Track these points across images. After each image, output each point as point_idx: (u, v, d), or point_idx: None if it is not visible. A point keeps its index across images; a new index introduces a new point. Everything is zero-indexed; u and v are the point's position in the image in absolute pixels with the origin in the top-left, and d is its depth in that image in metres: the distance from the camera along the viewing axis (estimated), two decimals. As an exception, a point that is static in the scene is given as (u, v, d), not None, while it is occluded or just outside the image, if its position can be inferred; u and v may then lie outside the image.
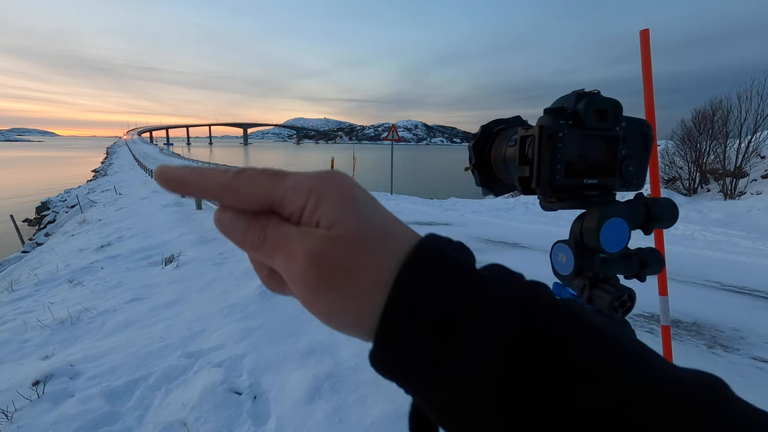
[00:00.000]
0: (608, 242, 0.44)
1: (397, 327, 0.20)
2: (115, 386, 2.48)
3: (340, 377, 2.37)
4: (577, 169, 0.45)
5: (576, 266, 0.49)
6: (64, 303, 4.15)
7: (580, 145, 0.44)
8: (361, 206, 0.22)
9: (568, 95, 0.44)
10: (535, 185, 0.45)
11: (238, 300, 3.70)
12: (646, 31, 1.08)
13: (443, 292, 0.20)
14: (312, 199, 0.21)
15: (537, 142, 0.43)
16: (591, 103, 0.43)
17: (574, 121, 0.43)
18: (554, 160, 0.43)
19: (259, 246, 0.23)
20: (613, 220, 0.44)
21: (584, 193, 0.46)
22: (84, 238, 8.42)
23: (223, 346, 2.86)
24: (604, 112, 0.44)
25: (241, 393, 2.30)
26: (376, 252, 0.21)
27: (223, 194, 0.23)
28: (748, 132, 12.98)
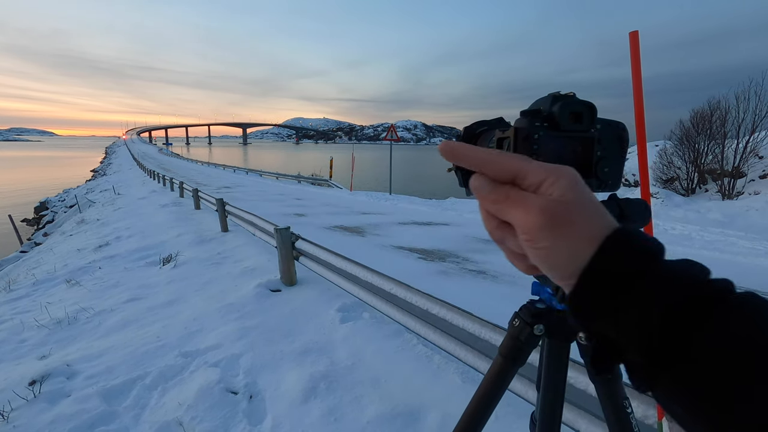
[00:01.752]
0: None
1: (601, 268, 0.27)
2: (112, 386, 2.49)
3: (336, 377, 2.37)
4: None
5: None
6: (61, 303, 4.15)
7: (556, 146, 0.44)
8: (585, 190, 0.30)
9: (545, 98, 0.45)
10: None
11: (235, 300, 3.71)
12: (635, 32, 1.09)
13: (636, 253, 0.27)
14: (551, 176, 0.30)
15: (512, 144, 0.44)
16: (566, 106, 0.43)
17: (549, 123, 0.43)
18: None
19: (501, 201, 0.31)
20: None
21: None
22: (82, 238, 8.41)
23: (220, 346, 2.86)
24: (579, 115, 0.44)
25: (237, 392, 2.31)
26: (592, 218, 0.29)
27: (484, 165, 0.32)
28: (746, 132, 13.01)
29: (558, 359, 0.56)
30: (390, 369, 2.44)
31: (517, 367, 0.57)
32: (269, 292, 3.85)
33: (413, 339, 2.73)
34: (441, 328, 2.12)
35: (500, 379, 0.56)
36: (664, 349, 0.24)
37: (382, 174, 33.54)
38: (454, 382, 2.25)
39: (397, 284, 2.47)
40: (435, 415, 2.02)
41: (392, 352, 2.63)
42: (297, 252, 3.98)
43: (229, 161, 46.49)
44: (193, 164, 39.09)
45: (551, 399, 0.55)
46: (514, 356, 0.56)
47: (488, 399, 0.55)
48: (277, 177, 24.84)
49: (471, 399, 0.57)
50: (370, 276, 2.74)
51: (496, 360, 0.57)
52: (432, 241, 6.37)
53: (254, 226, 5.50)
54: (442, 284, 4.18)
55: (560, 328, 0.55)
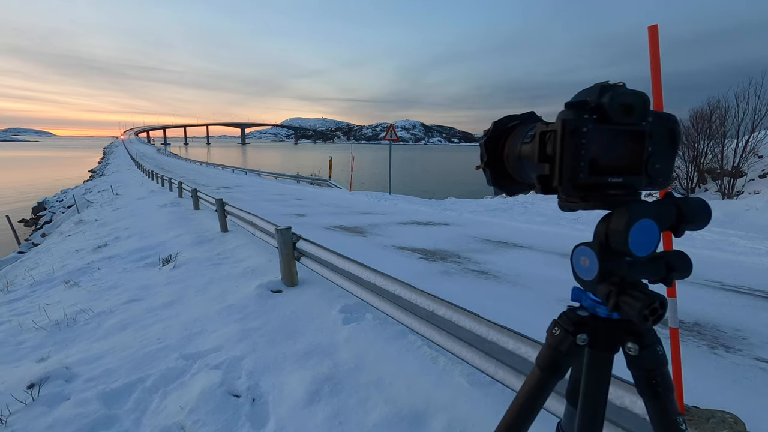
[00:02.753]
0: (637, 245, 0.41)
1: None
2: (112, 389, 2.45)
3: (340, 379, 2.34)
4: (601, 167, 0.42)
5: (600, 271, 0.46)
6: (60, 304, 4.11)
7: (605, 140, 0.41)
8: None
9: (591, 88, 0.42)
10: (557, 183, 0.42)
11: (236, 301, 3.67)
12: (654, 27, 1.06)
13: None
14: None
15: (560, 138, 0.40)
16: (616, 96, 0.40)
17: (598, 115, 0.40)
18: (577, 157, 0.40)
19: None
20: (643, 222, 0.41)
21: (608, 192, 0.44)
22: (80, 238, 8.36)
23: (221, 348, 2.82)
24: (630, 106, 0.41)
25: (239, 395, 2.27)
26: None
27: None
28: (746, 132, 13.02)
29: (600, 371, 0.53)
30: (394, 371, 2.41)
31: (557, 379, 0.53)
32: (270, 293, 3.81)
33: (417, 340, 2.70)
34: (447, 330, 2.09)
35: (538, 392, 0.52)
36: None
37: (381, 174, 33.50)
38: (461, 384, 2.22)
39: (401, 285, 2.44)
40: (441, 418, 1.99)
41: (396, 354, 2.60)
42: (298, 252, 3.94)
43: (228, 161, 46.40)
44: (191, 164, 39.00)
45: (591, 413, 0.51)
46: (553, 367, 0.52)
47: (525, 413, 0.51)
48: (276, 177, 24.79)
49: (505, 413, 0.53)
50: (373, 277, 2.71)
51: (533, 372, 0.53)
52: (433, 241, 6.34)
53: (254, 226, 5.46)
54: (445, 285, 4.15)
55: (605, 338, 0.51)
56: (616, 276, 0.45)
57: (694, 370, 2.56)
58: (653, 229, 0.41)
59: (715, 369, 2.57)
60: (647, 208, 0.42)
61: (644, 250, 0.42)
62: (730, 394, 2.30)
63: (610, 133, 0.41)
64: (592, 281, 0.46)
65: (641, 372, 0.51)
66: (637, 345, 0.47)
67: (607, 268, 0.45)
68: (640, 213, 0.41)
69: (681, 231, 0.44)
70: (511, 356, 1.74)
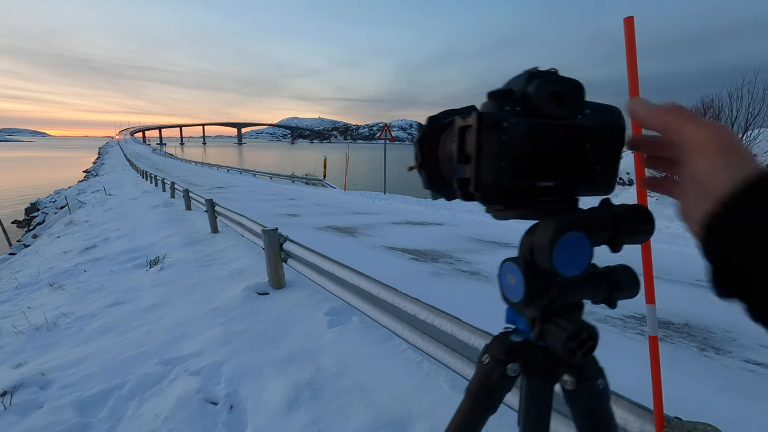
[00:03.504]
0: (564, 263, 0.34)
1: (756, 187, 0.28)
2: (87, 396, 2.38)
3: (321, 385, 2.28)
4: (529, 169, 0.36)
5: (527, 292, 0.39)
6: (42, 308, 4.03)
7: (532, 137, 0.35)
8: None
9: (520, 75, 0.36)
10: (474, 189, 0.36)
11: (221, 303, 3.60)
12: (630, 18, 1.01)
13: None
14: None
15: (475, 134, 0.34)
16: (545, 84, 0.34)
17: (524, 107, 0.35)
18: (498, 157, 0.34)
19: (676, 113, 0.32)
20: (571, 235, 0.34)
21: (538, 198, 0.37)
22: (69, 239, 8.25)
23: (203, 353, 2.76)
24: (562, 96, 0.35)
25: (217, 403, 2.21)
26: (745, 151, 0.31)
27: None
28: (740, 130, 13.03)
29: (539, 403, 0.46)
30: (378, 376, 2.35)
31: (488, 413, 0.46)
32: (257, 295, 3.75)
33: (403, 344, 2.64)
34: (430, 334, 2.03)
35: (469, 425, 0.45)
36: None
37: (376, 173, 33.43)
38: (443, 390, 2.17)
39: (384, 288, 2.38)
40: (423, 425, 1.93)
41: (380, 358, 2.54)
42: (285, 254, 3.88)
43: (224, 161, 46.20)
44: (187, 164, 38.79)
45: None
46: (484, 400, 0.45)
47: None
48: (271, 177, 24.68)
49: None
50: (357, 279, 2.65)
51: (464, 401, 0.46)
52: (425, 241, 6.29)
53: (243, 227, 5.39)
54: (434, 285, 4.10)
55: (541, 366, 0.44)
56: (545, 298, 0.39)
57: (683, 374, 2.53)
58: (584, 244, 0.35)
59: (705, 372, 2.53)
60: (578, 218, 0.36)
61: (573, 268, 0.35)
62: (719, 398, 2.26)
63: (539, 129, 0.35)
64: (519, 303, 0.40)
65: (579, 409, 0.44)
66: (573, 378, 0.41)
67: (534, 288, 0.39)
68: (568, 224, 0.35)
69: (619, 245, 0.37)
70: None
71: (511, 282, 0.39)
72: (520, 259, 0.39)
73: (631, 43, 1.00)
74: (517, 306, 0.39)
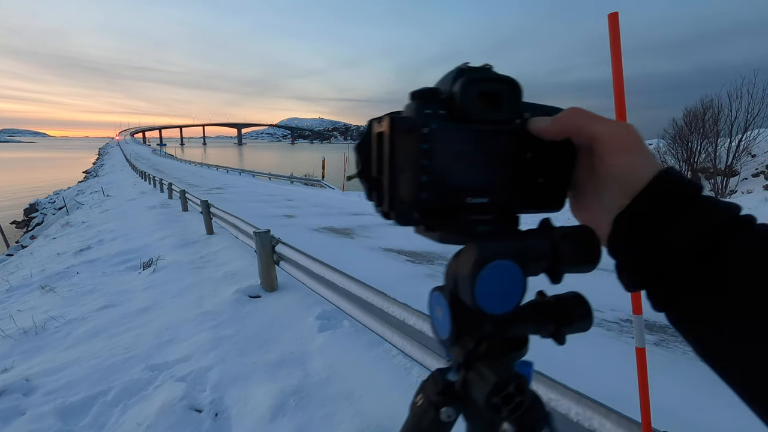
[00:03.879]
0: (489, 298, 0.28)
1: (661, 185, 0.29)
2: (71, 402, 2.34)
3: (309, 392, 2.23)
4: (456, 183, 0.31)
5: (454, 328, 0.33)
6: (32, 311, 3.98)
7: (459, 145, 0.30)
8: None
9: (451, 72, 0.31)
10: (387, 207, 0.30)
11: (212, 307, 3.56)
12: (615, 14, 0.97)
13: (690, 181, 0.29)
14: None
15: (387, 142, 0.29)
16: (473, 83, 0.29)
17: (450, 110, 0.29)
18: (417, 169, 0.29)
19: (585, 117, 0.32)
20: (498, 265, 0.28)
21: (468, 217, 0.32)
22: (64, 241, 8.21)
23: (190, 358, 2.71)
24: (494, 97, 0.30)
25: (201, 410, 2.16)
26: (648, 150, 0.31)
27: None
28: (739, 131, 12.99)
29: None
30: (366, 382, 2.31)
31: None
32: (248, 298, 3.70)
33: (393, 349, 2.59)
34: (418, 340, 1.99)
35: None
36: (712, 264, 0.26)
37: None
38: (433, 397, 2.12)
39: (373, 292, 2.34)
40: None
41: (370, 364, 2.49)
42: (278, 256, 3.83)
43: (224, 162, 46.16)
44: (186, 165, 38.75)
45: None
46: None
47: None
48: (269, 178, 24.65)
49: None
50: (347, 283, 2.61)
51: None
52: (422, 242, 6.23)
53: (237, 228, 5.34)
54: (429, 288, 4.05)
55: (479, 412, 0.35)
56: (474, 337, 0.32)
57: (680, 378, 2.48)
58: (515, 276, 0.29)
59: (701, 377, 2.48)
60: (508, 244, 0.30)
61: (501, 304, 0.29)
62: (717, 402, 2.21)
63: (466, 135, 0.30)
64: (447, 341, 0.34)
65: None
66: (514, 428, 0.33)
67: (461, 324, 0.33)
68: (495, 251, 0.29)
69: (559, 275, 0.31)
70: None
71: (438, 315, 0.34)
72: (446, 289, 0.34)
73: (616, 40, 0.96)
74: (445, 344, 0.34)
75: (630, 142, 0.30)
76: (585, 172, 0.33)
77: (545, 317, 0.33)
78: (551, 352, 1.34)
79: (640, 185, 0.29)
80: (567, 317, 0.32)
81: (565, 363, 2.56)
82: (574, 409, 1.34)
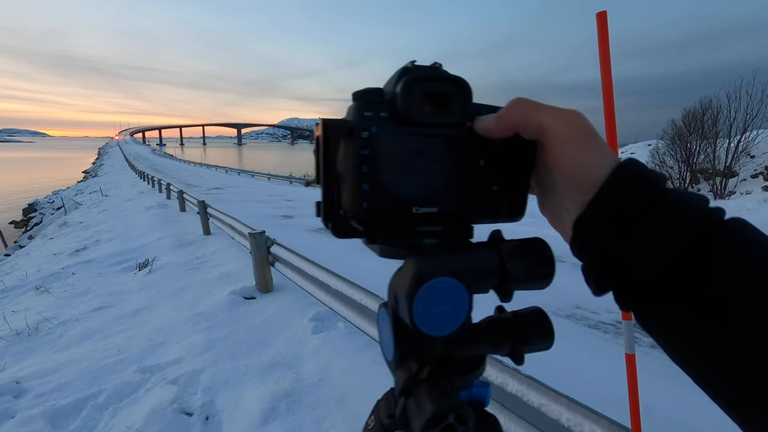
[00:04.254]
0: (428, 319, 0.26)
1: (619, 183, 0.26)
2: (61, 406, 2.32)
3: (300, 395, 2.21)
4: (401, 192, 0.28)
5: (396, 349, 0.30)
6: (26, 312, 3.96)
7: (403, 150, 0.28)
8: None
9: (398, 71, 0.28)
10: (323, 218, 0.29)
11: (206, 308, 3.53)
12: (603, 13, 0.95)
13: (653, 173, 0.27)
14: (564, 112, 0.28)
15: (322, 148, 0.27)
16: (417, 84, 0.27)
17: (392, 112, 0.27)
18: (358, 178, 0.27)
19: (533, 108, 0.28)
20: (439, 282, 0.26)
21: (416, 229, 0.29)
22: (61, 241, 8.18)
23: (182, 360, 2.69)
24: (442, 98, 0.28)
25: (192, 414, 2.14)
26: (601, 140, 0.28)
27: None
28: (738, 131, 12.97)
29: None
30: (358, 386, 2.28)
31: None
32: (243, 299, 3.68)
33: (386, 352, 2.57)
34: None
35: None
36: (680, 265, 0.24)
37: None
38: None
39: (366, 294, 2.32)
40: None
41: (363, 367, 2.47)
42: (273, 257, 3.81)
43: (223, 162, 46.15)
44: (186, 165, 38.71)
45: None
46: None
47: None
48: (269, 178, 24.61)
49: None
50: (340, 284, 2.59)
51: None
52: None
53: (234, 229, 5.32)
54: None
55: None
56: (418, 359, 0.29)
57: (675, 380, 2.46)
58: (458, 294, 0.26)
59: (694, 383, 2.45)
60: (451, 259, 0.27)
61: (441, 326, 0.26)
62: (714, 406, 2.19)
63: (413, 140, 0.28)
64: (392, 362, 0.31)
65: None
66: None
67: (405, 345, 0.30)
68: (435, 267, 0.26)
69: (508, 293, 0.29)
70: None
71: (384, 334, 0.32)
72: (389, 306, 0.31)
73: (604, 39, 0.94)
74: (390, 366, 0.32)
75: (577, 132, 0.27)
76: (543, 168, 0.30)
77: (501, 336, 0.30)
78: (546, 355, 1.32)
79: (596, 183, 0.26)
80: (524, 336, 0.30)
81: (560, 366, 2.55)
82: (565, 414, 1.32)
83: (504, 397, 1.50)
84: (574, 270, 3.18)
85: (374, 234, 0.29)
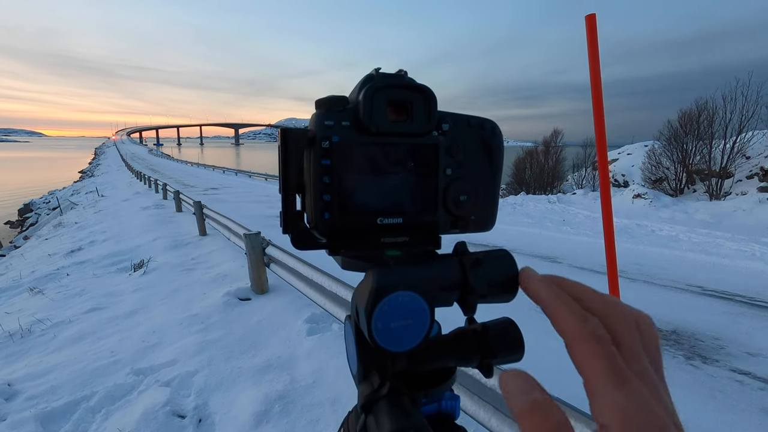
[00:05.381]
0: (388, 335, 0.25)
1: None
2: (53, 408, 2.29)
3: (294, 397, 2.20)
4: (365, 202, 0.28)
5: (360, 362, 0.29)
6: (20, 313, 3.93)
7: (365, 160, 0.27)
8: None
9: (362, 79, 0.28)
10: (283, 228, 0.28)
11: (200, 310, 3.52)
12: (592, 15, 0.95)
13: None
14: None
15: (281, 157, 0.27)
16: (379, 91, 0.26)
17: (355, 121, 0.27)
18: (319, 188, 0.26)
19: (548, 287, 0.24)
20: (398, 296, 0.25)
21: (381, 240, 0.29)
22: (56, 242, 8.14)
23: (176, 362, 2.67)
24: (406, 107, 0.27)
25: (185, 416, 2.13)
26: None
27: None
28: (733, 132, 13.02)
29: None
30: (353, 388, 2.27)
31: None
32: (237, 300, 3.66)
33: (381, 353, 2.57)
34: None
35: None
36: None
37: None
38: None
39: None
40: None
41: (357, 368, 2.46)
42: (268, 258, 3.79)
43: (221, 162, 46.00)
44: (183, 165, 38.59)
45: None
46: None
47: None
48: (266, 178, 24.54)
49: None
50: (335, 286, 2.58)
51: None
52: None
53: (229, 230, 5.30)
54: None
55: None
56: (381, 374, 0.28)
57: (673, 384, 2.46)
58: (419, 308, 0.25)
59: (691, 382, 2.46)
60: (413, 272, 0.26)
61: (402, 342, 0.25)
62: (704, 409, 2.19)
63: (377, 150, 0.27)
64: (356, 376, 0.31)
65: None
66: None
67: (367, 358, 0.29)
68: (395, 280, 0.25)
69: (471, 306, 0.28)
70: (463, 377, 1.61)
71: (349, 347, 0.31)
72: (353, 319, 0.30)
73: (593, 42, 0.94)
74: (355, 380, 0.31)
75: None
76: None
77: (469, 349, 0.30)
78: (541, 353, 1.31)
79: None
80: (492, 348, 0.29)
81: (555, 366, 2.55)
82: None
83: (497, 398, 1.50)
84: (570, 271, 3.20)
85: (337, 245, 0.28)
